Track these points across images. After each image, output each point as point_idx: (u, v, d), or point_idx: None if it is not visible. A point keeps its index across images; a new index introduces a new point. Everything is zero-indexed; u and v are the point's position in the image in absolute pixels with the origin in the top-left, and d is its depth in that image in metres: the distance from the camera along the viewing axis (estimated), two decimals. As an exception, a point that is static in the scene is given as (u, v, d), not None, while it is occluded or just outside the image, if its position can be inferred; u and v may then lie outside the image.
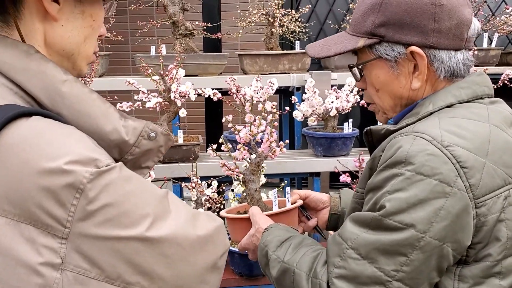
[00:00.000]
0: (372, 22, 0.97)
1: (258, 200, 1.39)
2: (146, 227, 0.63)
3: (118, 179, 0.64)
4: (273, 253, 1.04)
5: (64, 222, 0.60)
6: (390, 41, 0.97)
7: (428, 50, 0.95)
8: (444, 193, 0.83)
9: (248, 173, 1.41)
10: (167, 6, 2.53)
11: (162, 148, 0.79)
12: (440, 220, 0.83)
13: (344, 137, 2.22)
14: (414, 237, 0.83)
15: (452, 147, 0.85)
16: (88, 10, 0.77)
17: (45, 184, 0.60)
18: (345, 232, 0.91)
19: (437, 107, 0.95)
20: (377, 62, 1.00)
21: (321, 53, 1.05)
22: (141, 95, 2.10)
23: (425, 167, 0.84)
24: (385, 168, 0.88)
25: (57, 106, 0.69)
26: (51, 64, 0.71)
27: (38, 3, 0.71)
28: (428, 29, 0.93)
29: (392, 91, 1.01)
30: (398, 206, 0.84)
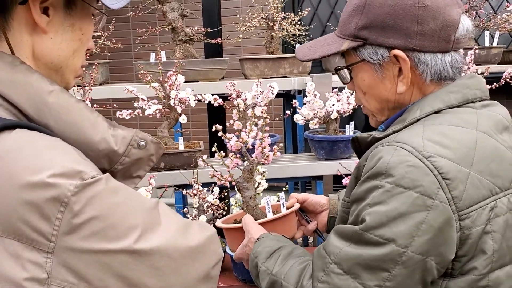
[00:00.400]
0: (356, 24, 0.95)
1: (253, 207, 1.38)
2: (134, 239, 0.62)
3: (104, 191, 0.63)
4: (263, 264, 1.03)
5: (49, 236, 0.59)
6: (373, 44, 0.94)
7: (412, 53, 0.92)
8: (425, 206, 0.80)
9: (242, 181, 1.40)
10: (166, 13, 2.53)
11: (153, 156, 0.79)
12: (422, 234, 0.80)
13: (346, 139, 2.20)
14: (395, 252, 0.81)
15: (434, 158, 0.82)
16: (77, 23, 0.76)
17: (28, 198, 0.59)
18: (329, 246, 0.89)
19: (424, 113, 0.92)
20: (362, 65, 0.98)
21: (307, 56, 1.04)
22: (140, 103, 2.10)
23: (405, 179, 0.81)
24: (367, 179, 0.86)
25: (44, 117, 0.68)
26: (36, 75, 0.70)
27: (27, 15, 0.70)
28: (411, 32, 0.91)
29: (378, 94, 0.99)
30: (378, 220, 0.82)
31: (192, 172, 2.04)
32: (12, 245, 0.59)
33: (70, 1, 0.74)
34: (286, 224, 1.32)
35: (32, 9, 0.70)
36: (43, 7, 0.71)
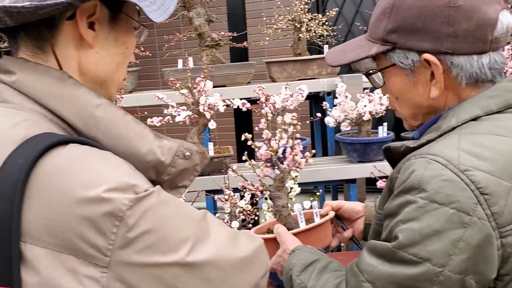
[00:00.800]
0: (384, 27, 0.91)
1: (286, 216, 1.35)
2: (187, 251, 0.62)
3: (156, 204, 0.63)
4: (297, 277, 1.00)
5: (105, 251, 0.59)
6: (403, 48, 0.90)
7: (443, 57, 0.87)
8: (462, 223, 0.75)
9: (273, 190, 1.37)
10: (193, 19, 2.53)
11: (197, 166, 0.79)
12: (459, 252, 0.76)
13: (379, 141, 2.15)
14: (431, 272, 0.76)
15: (470, 172, 0.77)
16: (121, 38, 0.77)
17: (84, 213, 0.59)
18: (362, 263, 0.86)
19: (461, 121, 0.86)
20: (393, 69, 0.94)
21: (337, 61, 1.01)
22: (170, 109, 2.10)
23: (439, 194, 0.77)
24: (399, 194, 0.82)
25: (92, 131, 0.69)
26: (84, 89, 0.71)
27: (74, 30, 0.71)
28: (442, 34, 0.85)
29: (410, 99, 0.95)
30: (411, 238, 0.78)
31: (223, 177, 2.02)
32: (69, 260, 0.59)
33: (115, 16, 0.75)
34: (321, 233, 1.29)
35: (80, 24, 0.71)
36: (89, 22, 0.72)
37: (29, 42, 0.72)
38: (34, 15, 0.66)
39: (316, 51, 2.86)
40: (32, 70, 0.70)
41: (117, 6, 0.75)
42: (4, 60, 0.73)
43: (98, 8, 0.72)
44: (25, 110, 0.68)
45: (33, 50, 0.72)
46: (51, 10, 0.66)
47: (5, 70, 0.71)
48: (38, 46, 0.72)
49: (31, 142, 0.63)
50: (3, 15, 0.66)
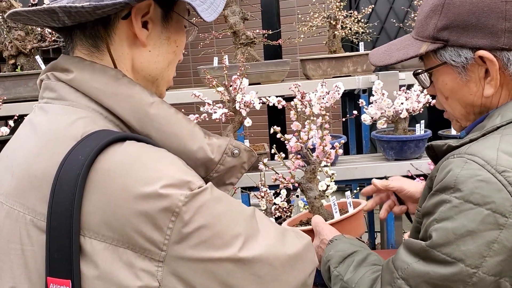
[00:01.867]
0: (435, 25, 0.89)
1: (319, 207, 1.36)
2: (239, 247, 0.64)
3: (210, 200, 0.64)
4: (335, 269, 1.00)
5: (161, 245, 0.61)
6: (455, 46, 0.88)
7: (500, 53, 0.85)
8: (497, 225, 0.74)
9: (305, 181, 1.37)
10: (228, 17, 2.55)
11: (245, 164, 0.80)
12: (494, 254, 0.74)
13: (416, 139, 2.11)
14: (464, 273, 0.75)
15: (508, 173, 0.76)
16: (173, 36, 0.79)
17: (142, 208, 0.60)
18: (397, 260, 0.85)
19: (506, 120, 0.84)
20: (443, 68, 0.91)
21: (383, 61, 0.99)
22: (206, 107, 2.13)
23: (474, 194, 0.75)
24: (436, 193, 0.81)
25: (146, 128, 0.71)
26: (138, 88, 0.73)
27: (128, 29, 0.73)
28: (498, 30, 0.83)
29: (462, 98, 0.92)
30: (445, 237, 0.77)
31: (259, 174, 2.03)
32: (126, 254, 0.61)
33: (167, 15, 0.77)
34: (354, 223, 1.29)
35: (134, 23, 0.73)
36: (143, 21, 0.74)
37: (85, 41, 0.74)
38: (92, 15, 0.68)
39: (349, 48, 2.84)
40: (89, 68, 0.72)
41: (169, 5, 0.77)
42: (61, 58, 0.76)
43: (152, 7, 0.73)
44: (81, 108, 0.71)
45: (89, 49, 0.75)
46: (109, 9, 0.68)
47: (62, 69, 0.74)
48: (94, 45, 0.74)
49: (90, 139, 0.65)
50: (62, 15, 0.68)
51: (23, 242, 0.65)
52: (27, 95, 2.42)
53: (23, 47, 2.48)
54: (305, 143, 1.42)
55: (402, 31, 4.10)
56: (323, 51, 2.66)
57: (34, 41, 2.49)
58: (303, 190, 1.38)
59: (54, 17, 0.69)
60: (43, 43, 2.69)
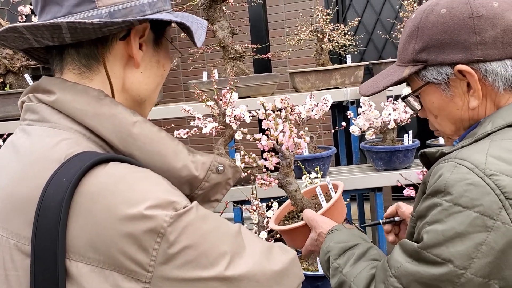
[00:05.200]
0: (413, 48, 0.94)
1: (301, 199, 1.37)
2: (225, 266, 0.63)
3: (195, 219, 0.64)
4: (335, 261, 1.01)
5: (146, 266, 0.60)
6: (434, 64, 0.91)
7: (477, 65, 0.88)
8: (485, 227, 0.76)
9: (282, 177, 1.38)
10: (216, 31, 2.58)
11: (230, 180, 0.79)
12: (482, 256, 0.76)
13: (405, 149, 2.14)
14: (453, 273, 0.77)
15: (496, 176, 0.78)
16: (162, 60, 0.80)
17: (127, 230, 0.60)
18: (392, 259, 0.88)
19: (496, 126, 0.87)
20: (428, 88, 0.95)
21: (370, 90, 1.03)
22: (197, 121, 2.14)
23: (463, 198, 0.78)
24: (428, 197, 0.84)
25: (129, 148, 0.70)
26: (120, 107, 0.73)
27: (124, 50, 0.74)
28: (471, 43, 0.87)
29: (450, 114, 0.95)
30: (435, 239, 0.79)
31: (251, 188, 2.04)
32: (112, 276, 0.61)
33: (158, 40, 0.78)
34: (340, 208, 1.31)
35: (133, 44, 0.73)
36: (138, 43, 0.75)
37: (78, 61, 0.74)
38: (96, 33, 0.69)
39: (337, 60, 2.88)
40: (71, 89, 0.72)
41: (161, 30, 0.79)
42: (43, 80, 0.76)
43: (147, 30, 0.75)
44: (64, 129, 0.70)
45: (80, 69, 0.74)
46: (115, 28, 0.69)
47: (44, 90, 0.73)
48: (86, 64, 0.74)
49: (74, 161, 0.64)
50: (66, 31, 0.68)
51: (7, 267, 0.64)
52: (16, 113, 2.42)
53: (12, 65, 2.48)
54: (276, 138, 1.42)
55: (389, 42, 4.15)
56: (312, 64, 2.69)
57: (23, 59, 2.50)
58: (282, 185, 1.39)
59: (56, 33, 0.69)
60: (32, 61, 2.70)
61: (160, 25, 0.77)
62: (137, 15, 0.72)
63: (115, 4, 0.71)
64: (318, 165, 2.15)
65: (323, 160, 2.19)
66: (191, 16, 0.83)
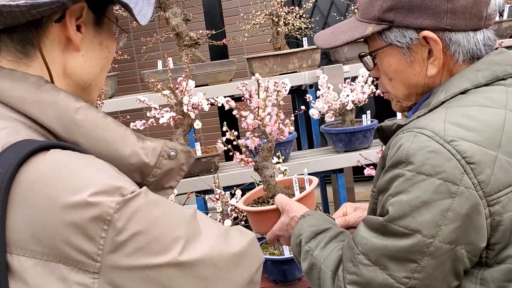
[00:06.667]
0: (380, 6, 0.90)
1: (274, 185, 1.36)
2: (179, 251, 0.61)
3: (144, 205, 0.62)
4: (306, 244, 1.00)
5: (94, 256, 0.58)
6: (400, 26, 0.89)
7: (442, 33, 0.87)
8: (449, 193, 0.76)
9: (260, 160, 1.37)
10: (169, 19, 2.51)
11: (184, 166, 0.77)
12: (449, 222, 0.77)
13: (363, 129, 2.16)
14: (422, 243, 0.77)
15: (456, 142, 0.78)
16: (105, 42, 0.77)
17: (71, 219, 0.57)
18: (357, 236, 0.87)
19: (449, 94, 0.87)
20: (388, 49, 0.93)
21: (329, 43, 0.99)
22: (153, 112, 2.08)
23: (426, 166, 0.77)
24: (389, 169, 0.83)
25: (73, 135, 0.68)
26: (62, 93, 0.69)
27: (61, 33, 0.70)
28: (441, 10, 0.86)
29: (406, 79, 0.94)
30: (401, 211, 0.79)
31: (213, 177, 2.01)
32: (58, 268, 0.58)
33: (99, 20, 0.75)
34: (311, 200, 1.31)
35: (69, 26, 0.70)
36: (76, 25, 0.71)
37: (12, 47, 0.70)
38: (26, 15, 0.64)
39: (294, 44, 2.87)
40: (7, 77, 0.68)
41: (101, 10, 0.75)
42: None
43: (85, 11, 0.71)
44: (3, 119, 0.67)
45: (16, 55, 0.70)
46: (45, 10, 0.64)
47: None
48: (22, 50, 0.70)
49: (11, 150, 0.61)
50: None
51: None
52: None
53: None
54: (263, 119, 1.39)
55: (344, 25, 4.18)
56: (270, 50, 2.67)
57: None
58: (258, 168, 1.37)
59: None
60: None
61: (100, 4, 0.73)
62: None
63: None
64: (279, 150, 2.14)
65: (284, 145, 2.18)
66: None
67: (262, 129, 1.38)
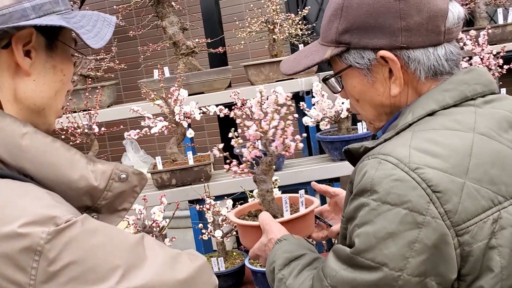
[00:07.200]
0: (336, 28, 0.89)
1: (270, 201, 1.32)
2: (117, 280, 0.61)
3: (80, 234, 0.61)
4: (280, 271, 0.98)
5: (26, 286, 0.58)
6: (357, 48, 0.88)
7: (399, 52, 0.85)
8: (416, 223, 0.73)
9: (259, 173, 1.34)
10: (166, 28, 2.52)
11: (136, 188, 0.78)
12: (416, 254, 0.73)
13: (359, 138, 2.13)
14: (390, 277, 0.74)
15: (421, 169, 0.75)
16: (58, 65, 0.76)
17: (1, 250, 0.58)
18: (326, 267, 0.84)
19: (416, 116, 0.84)
20: (349, 71, 0.92)
21: (292, 69, 0.98)
22: (147, 121, 2.09)
23: (391, 195, 0.75)
24: (355, 197, 0.80)
25: (19, 161, 0.68)
26: (8, 119, 0.70)
27: (9, 58, 0.70)
28: (395, 29, 0.84)
29: (371, 100, 0.92)
30: (367, 242, 0.76)
31: (204, 186, 2.00)
32: None
33: (51, 44, 0.75)
34: (304, 223, 1.26)
35: (15, 52, 0.70)
36: (25, 50, 0.71)
37: None
38: None
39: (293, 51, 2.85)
40: None
41: (53, 34, 0.74)
42: None
43: (34, 36, 0.71)
44: None
45: None
46: None
47: None
48: None
49: None
50: None
51: None
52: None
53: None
54: (266, 132, 1.36)
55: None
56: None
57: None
58: (256, 181, 1.35)
59: None
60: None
61: (52, 28, 0.73)
62: (18, 21, 0.68)
63: None
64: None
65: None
66: (96, 14, 0.79)
67: (263, 141, 1.36)
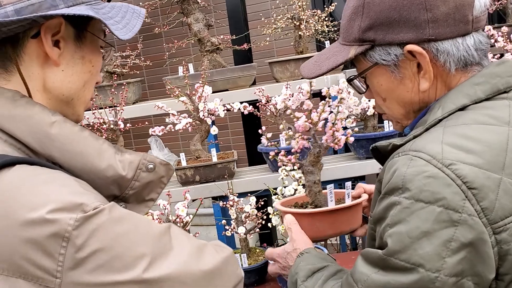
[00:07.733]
0: (359, 26, 0.86)
1: (317, 193, 1.31)
2: (143, 268, 0.61)
3: (107, 222, 0.62)
4: (303, 283, 0.96)
5: (54, 272, 0.59)
6: (382, 44, 0.85)
7: (428, 45, 0.82)
8: (451, 222, 0.70)
9: (307, 164, 1.32)
10: (191, 24, 2.52)
11: (164, 178, 0.78)
12: (453, 253, 0.70)
13: (385, 135, 2.08)
14: (426, 278, 0.71)
15: (455, 165, 0.72)
16: (87, 56, 0.77)
17: (29, 235, 0.58)
18: (356, 273, 0.81)
19: (447, 111, 0.81)
20: (375, 69, 0.88)
21: (314, 72, 0.95)
22: (171, 118, 2.09)
23: (424, 192, 0.72)
24: (384, 196, 0.77)
25: (48, 149, 0.69)
26: (37, 108, 0.70)
27: (38, 48, 0.71)
28: (422, 21, 0.80)
29: (399, 97, 0.89)
30: (400, 243, 0.73)
31: (227, 183, 2.00)
32: (18, 283, 0.59)
33: (80, 34, 0.75)
34: (350, 216, 1.24)
35: (44, 42, 0.70)
36: (54, 40, 0.72)
37: None
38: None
39: (323, 47, 2.81)
40: None
41: (82, 24, 0.75)
42: None
43: (63, 26, 0.71)
44: None
45: None
46: (15, 27, 0.66)
47: None
48: (1, 65, 0.71)
49: None
50: None
51: None
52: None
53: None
54: (316, 124, 1.34)
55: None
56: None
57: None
58: (304, 172, 1.33)
59: None
60: None
61: (81, 19, 0.73)
62: (47, 10, 0.68)
63: (21, 0, 0.67)
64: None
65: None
66: (125, 5, 0.79)
67: (313, 133, 1.34)
